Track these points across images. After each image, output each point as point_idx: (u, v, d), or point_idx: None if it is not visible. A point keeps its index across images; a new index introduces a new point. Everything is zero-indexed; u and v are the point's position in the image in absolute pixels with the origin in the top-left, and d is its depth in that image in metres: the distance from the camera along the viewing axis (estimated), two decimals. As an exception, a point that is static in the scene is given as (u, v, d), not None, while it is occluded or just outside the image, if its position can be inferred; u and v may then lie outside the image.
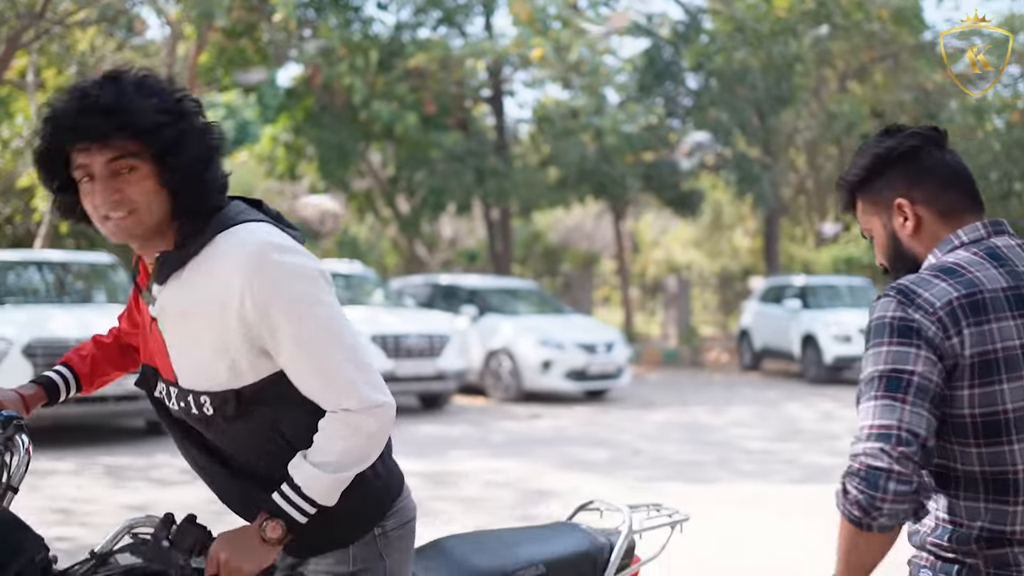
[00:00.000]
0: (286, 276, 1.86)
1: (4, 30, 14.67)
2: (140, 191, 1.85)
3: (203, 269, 1.89)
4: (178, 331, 1.96)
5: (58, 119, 1.84)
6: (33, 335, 9.37)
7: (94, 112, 1.80)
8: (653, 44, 20.51)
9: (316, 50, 17.45)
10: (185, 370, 1.97)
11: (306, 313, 1.87)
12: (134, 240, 1.92)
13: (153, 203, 1.86)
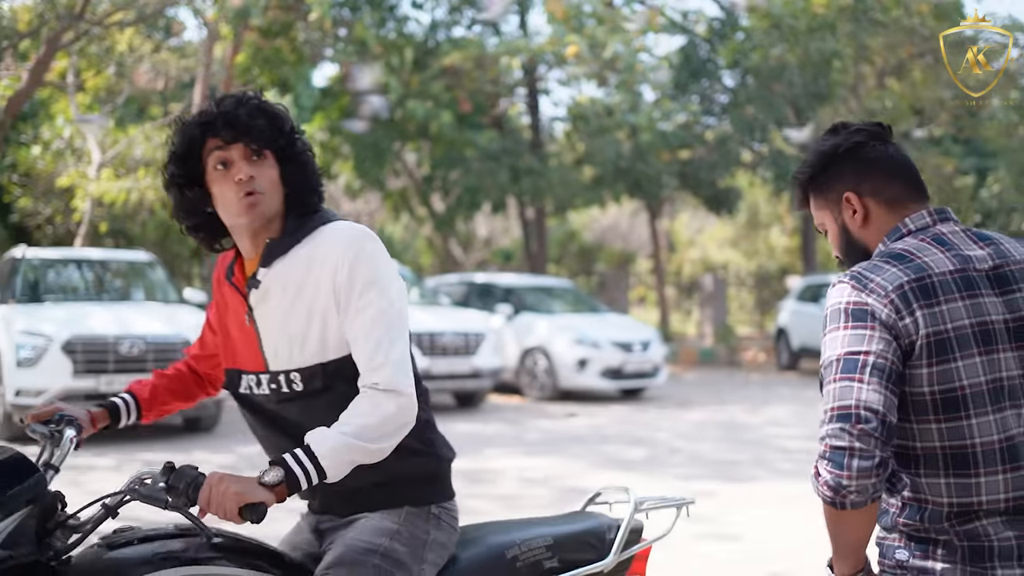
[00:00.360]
0: (377, 259, 2.18)
1: (44, 31, 14.83)
2: (267, 178, 2.20)
3: (308, 250, 2.20)
4: (276, 311, 2.22)
5: (215, 117, 2.18)
6: (72, 332, 9.46)
7: (251, 111, 2.18)
8: (689, 41, 20.40)
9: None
10: (277, 351, 2.23)
11: (380, 292, 2.15)
12: (258, 220, 2.21)
13: (275, 193, 2.21)
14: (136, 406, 2.48)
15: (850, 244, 2.15)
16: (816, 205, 2.20)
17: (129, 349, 9.52)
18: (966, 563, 1.92)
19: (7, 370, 9.28)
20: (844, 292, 1.96)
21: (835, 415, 1.86)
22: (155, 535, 2.15)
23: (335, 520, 2.33)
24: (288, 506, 2.19)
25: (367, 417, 2.08)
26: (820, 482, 1.86)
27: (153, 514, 2.37)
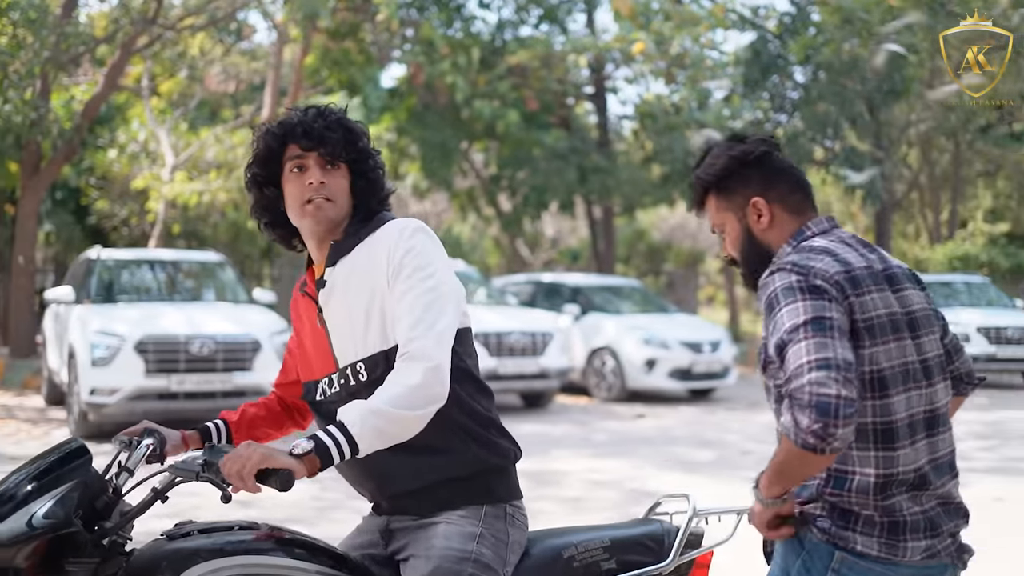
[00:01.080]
0: (426, 246, 2.28)
1: (119, 36, 15.11)
2: (339, 185, 2.34)
3: (369, 245, 2.32)
4: (341, 306, 2.32)
5: (295, 126, 2.32)
6: (145, 332, 9.59)
7: (330, 124, 2.33)
8: (759, 37, 20.08)
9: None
10: (344, 346, 2.32)
11: (426, 275, 2.23)
12: (324, 224, 2.33)
13: (343, 201, 2.35)
14: (227, 431, 2.56)
15: (752, 245, 2.30)
16: (718, 207, 2.34)
17: (199, 349, 9.62)
18: (883, 535, 2.09)
19: (82, 369, 9.44)
20: (790, 276, 2.08)
21: (815, 365, 1.93)
22: (214, 528, 2.22)
23: (410, 520, 2.32)
24: (355, 506, 2.17)
25: (395, 386, 2.12)
26: (803, 430, 1.91)
27: (216, 512, 2.36)
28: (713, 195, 2.34)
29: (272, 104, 18.97)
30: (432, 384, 2.13)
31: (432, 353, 2.15)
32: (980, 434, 10.65)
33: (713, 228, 2.38)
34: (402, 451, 2.20)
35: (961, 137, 24.29)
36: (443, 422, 2.22)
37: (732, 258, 2.36)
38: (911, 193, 27.74)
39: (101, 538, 2.05)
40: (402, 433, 2.13)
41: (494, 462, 2.33)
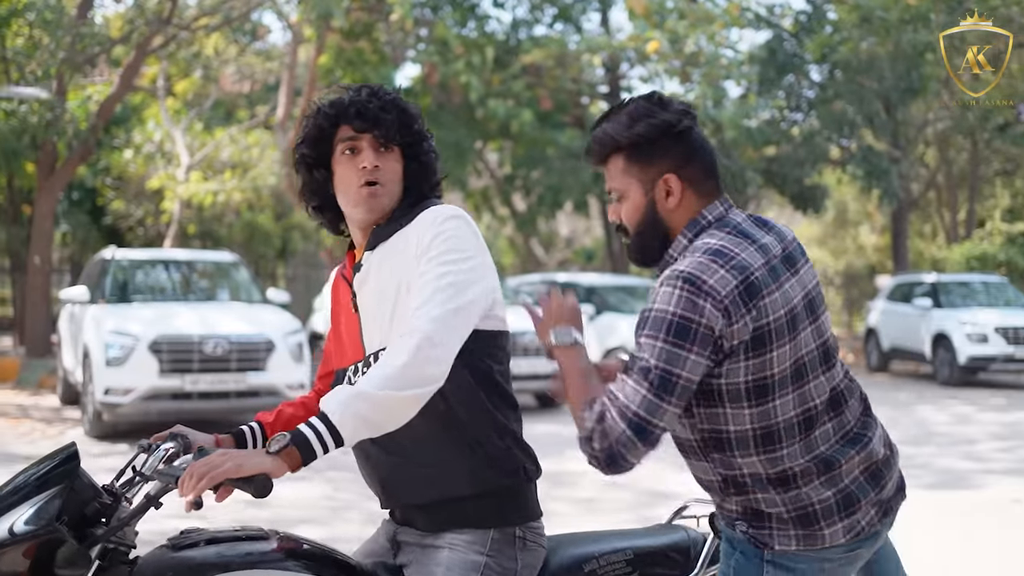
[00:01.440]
0: (461, 232, 2.14)
1: (135, 37, 15.15)
2: (393, 169, 2.24)
3: (406, 231, 2.20)
4: (373, 291, 2.22)
5: (348, 106, 2.22)
6: (159, 332, 9.60)
7: (384, 105, 2.22)
8: (775, 36, 20.00)
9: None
10: (372, 333, 2.22)
11: (452, 258, 2.09)
12: (377, 212, 2.23)
13: (396, 187, 2.25)
14: (262, 433, 2.44)
15: (653, 222, 2.13)
16: (625, 171, 2.13)
17: (213, 349, 9.62)
18: (797, 528, 2.06)
19: (96, 369, 9.45)
20: (674, 299, 1.95)
21: (635, 423, 1.94)
22: (222, 537, 2.12)
23: (415, 535, 2.22)
24: (369, 507, 2.10)
25: (382, 366, 1.98)
26: (589, 451, 2.00)
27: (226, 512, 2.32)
28: (622, 157, 2.13)
29: (287, 104, 19.00)
30: (422, 363, 1.97)
31: (427, 329, 1.99)
32: (998, 435, 10.56)
33: (609, 190, 2.17)
34: (410, 461, 2.13)
35: (979, 136, 24.13)
36: (458, 432, 2.13)
37: (623, 226, 2.18)
38: (928, 192, 27.58)
39: (91, 546, 1.96)
40: (389, 418, 1.98)
41: (507, 483, 2.18)
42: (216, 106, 22.64)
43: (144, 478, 2.14)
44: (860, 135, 19.96)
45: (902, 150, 21.22)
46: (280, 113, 19.08)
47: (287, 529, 2.28)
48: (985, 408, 12.92)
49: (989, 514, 6.98)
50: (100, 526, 2.02)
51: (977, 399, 13.85)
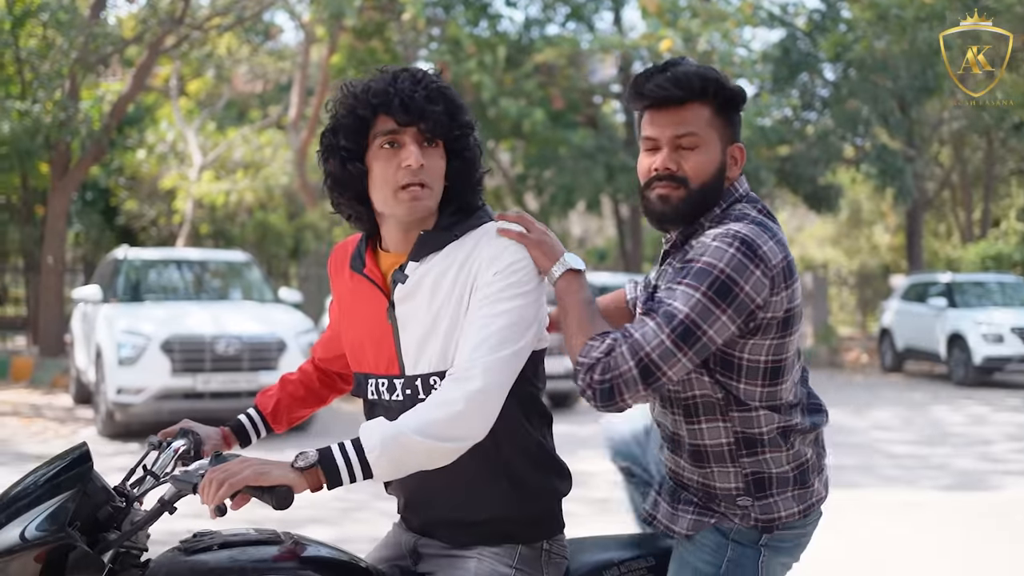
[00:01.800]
0: (524, 264, 1.99)
1: (147, 37, 15.17)
2: (437, 167, 2.02)
3: (464, 248, 2.02)
4: (423, 309, 2.02)
5: (392, 96, 1.98)
6: (171, 331, 9.59)
7: (431, 95, 2.00)
8: (788, 34, 19.90)
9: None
10: (419, 353, 2.03)
11: (515, 292, 1.96)
12: (418, 213, 2.02)
13: (440, 184, 2.04)
14: (262, 420, 2.40)
15: (717, 183, 2.10)
16: (709, 121, 2.09)
17: (225, 348, 9.61)
18: (796, 487, 2.12)
19: (109, 368, 9.45)
20: (726, 257, 1.94)
21: (644, 364, 1.92)
22: (235, 541, 2.06)
23: (440, 547, 2.14)
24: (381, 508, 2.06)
25: (431, 410, 1.87)
26: (585, 380, 1.96)
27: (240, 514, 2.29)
28: (709, 107, 2.09)
29: (299, 104, 19.01)
30: (472, 416, 1.87)
31: (482, 378, 1.88)
32: (1015, 436, 10.47)
33: (680, 135, 2.08)
34: (440, 479, 2.00)
35: (994, 135, 23.99)
36: (497, 454, 2.03)
37: (677, 176, 2.08)
38: (943, 192, 27.44)
39: (104, 551, 1.92)
40: (426, 464, 1.89)
41: (541, 505, 2.11)
42: (228, 106, 22.68)
43: (155, 477, 2.10)
44: (874, 134, 19.85)
45: (917, 149, 21.10)
46: (292, 113, 19.09)
47: (296, 530, 2.23)
48: (1001, 409, 12.82)
49: (1007, 516, 6.91)
50: (112, 530, 1.98)
51: (993, 399, 13.75)
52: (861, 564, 5.49)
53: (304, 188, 19.29)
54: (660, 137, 2.10)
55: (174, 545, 2.08)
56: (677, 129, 2.08)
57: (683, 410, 2.15)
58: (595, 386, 1.95)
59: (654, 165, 2.11)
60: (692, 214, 2.10)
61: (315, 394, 2.46)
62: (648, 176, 2.13)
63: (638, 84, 2.13)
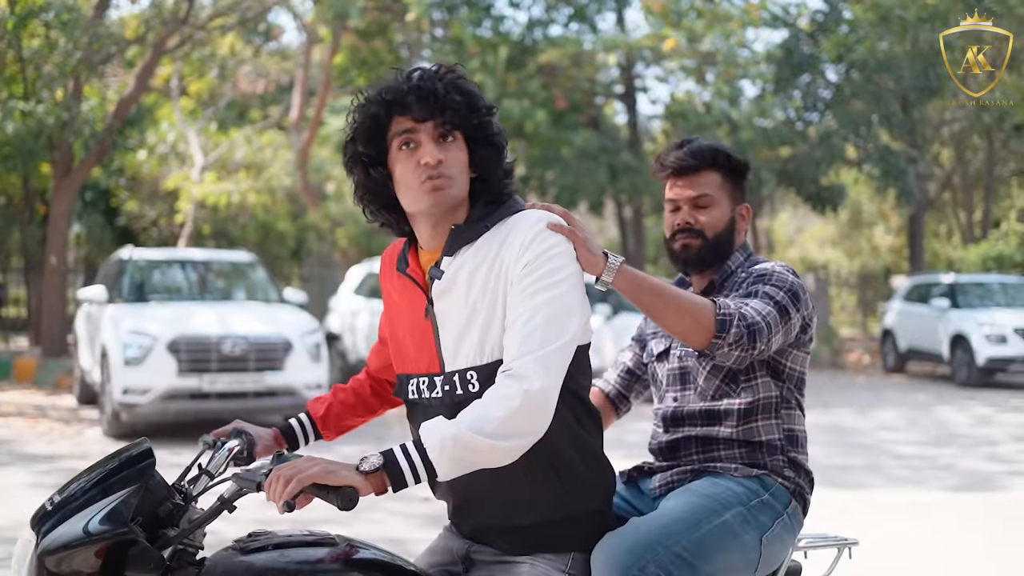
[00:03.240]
0: (557, 251, 1.98)
1: (150, 37, 15.16)
2: (458, 160, 2.02)
3: (497, 238, 2.01)
4: (459, 304, 2.02)
5: (405, 93, 1.99)
6: (177, 331, 9.59)
7: (446, 88, 2.00)
8: (791, 35, 19.91)
9: None
10: (457, 348, 2.03)
11: (556, 279, 1.95)
12: (442, 206, 2.02)
13: (463, 178, 2.03)
14: (312, 425, 2.39)
15: (728, 235, 2.56)
16: (721, 185, 2.55)
17: (231, 348, 9.60)
18: (809, 484, 2.48)
19: (115, 368, 9.44)
20: (791, 276, 2.42)
21: (758, 321, 2.25)
22: (289, 542, 2.07)
23: (492, 554, 2.12)
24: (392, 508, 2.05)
25: (489, 408, 1.85)
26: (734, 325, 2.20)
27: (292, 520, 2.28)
28: (720, 174, 2.56)
29: (301, 105, 19.00)
30: (531, 412, 1.86)
31: (538, 375, 1.86)
32: (1019, 437, 10.47)
33: (697, 196, 2.53)
34: (492, 483, 1.99)
35: (995, 136, 24.00)
36: (546, 453, 1.98)
37: (696, 229, 2.52)
38: (944, 193, 27.46)
39: (163, 547, 1.94)
40: (487, 462, 1.87)
41: (592, 505, 2.10)
42: (230, 106, 22.66)
43: (209, 475, 2.12)
44: (876, 135, 19.85)
45: (919, 150, 21.10)
46: (294, 114, 19.08)
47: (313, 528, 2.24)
48: (1005, 409, 12.82)
49: (1015, 517, 6.91)
50: (171, 527, 1.99)
51: (996, 400, 13.75)
52: (870, 565, 5.48)
53: (306, 189, 19.28)
54: (680, 198, 2.56)
55: (229, 544, 2.09)
56: (694, 191, 2.55)
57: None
58: (742, 332, 2.21)
59: (676, 221, 2.57)
60: (711, 259, 2.54)
61: (366, 403, 2.44)
62: (672, 230, 2.58)
63: (662, 158, 2.60)
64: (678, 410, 2.52)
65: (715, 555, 2.20)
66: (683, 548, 2.14)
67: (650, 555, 2.08)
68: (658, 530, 2.16)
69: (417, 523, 6.14)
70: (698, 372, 2.49)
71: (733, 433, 2.42)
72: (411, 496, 6.75)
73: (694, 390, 2.50)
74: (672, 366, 2.57)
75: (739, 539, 2.25)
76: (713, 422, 2.45)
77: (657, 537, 2.14)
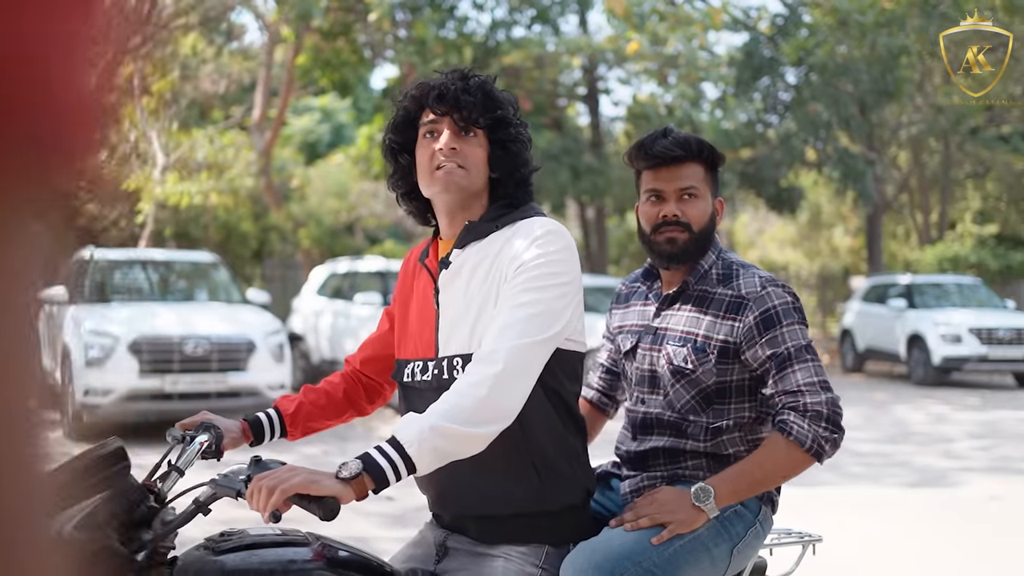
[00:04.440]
0: (563, 256, 2.08)
1: (112, 35, 15.04)
2: (474, 154, 2.15)
3: (503, 237, 2.13)
4: (459, 294, 2.14)
5: (432, 88, 2.17)
6: (138, 332, 9.54)
7: (468, 88, 2.16)
8: (752, 38, 20.12)
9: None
10: (450, 335, 2.14)
11: (547, 283, 2.04)
12: (454, 193, 2.15)
13: (478, 172, 2.16)
14: (280, 421, 2.40)
15: (710, 229, 2.48)
16: (703, 178, 2.47)
17: (194, 349, 9.57)
18: (778, 491, 2.47)
19: (76, 370, 9.38)
20: (786, 294, 2.37)
21: (826, 385, 2.29)
22: (261, 541, 2.08)
23: (468, 543, 2.19)
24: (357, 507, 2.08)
25: (459, 396, 1.92)
26: (822, 438, 2.23)
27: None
28: (703, 166, 2.47)
29: (263, 105, 18.92)
30: (497, 399, 1.92)
31: (505, 362, 1.93)
32: (975, 434, 10.67)
33: (685, 188, 2.44)
34: (472, 474, 2.06)
35: (951, 139, 24.38)
36: (527, 449, 2.08)
37: (682, 222, 2.43)
38: (901, 195, 27.83)
39: (138, 551, 1.94)
40: (462, 451, 1.93)
41: (568, 502, 2.16)
42: (191, 106, 22.50)
43: (179, 472, 2.11)
44: (835, 137, 20.11)
45: (877, 152, 21.39)
46: (256, 114, 19.01)
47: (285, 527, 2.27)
48: (960, 407, 13.05)
49: (968, 511, 7.07)
50: (146, 530, 1.99)
51: (952, 399, 13.99)
52: (830, 560, 5.59)
53: (268, 190, 19.21)
54: (666, 190, 2.45)
55: (200, 543, 2.10)
56: (681, 183, 2.44)
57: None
58: (829, 437, 2.26)
59: (662, 213, 2.44)
60: (695, 254, 2.45)
61: (335, 406, 2.46)
62: (655, 222, 2.46)
63: (645, 146, 2.47)
64: (647, 417, 2.46)
65: (685, 569, 2.21)
66: (653, 564, 2.16)
67: (618, 570, 2.11)
68: (629, 545, 2.17)
69: (382, 522, 6.17)
70: (668, 381, 2.41)
71: (700, 447, 2.38)
72: (374, 496, 6.78)
73: (662, 396, 2.43)
74: (640, 366, 2.49)
75: (709, 552, 2.26)
76: (680, 436, 2.40)
77: (627, 552, 2.15)
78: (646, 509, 2.25)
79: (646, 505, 2.27)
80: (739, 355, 2.34)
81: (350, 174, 23.17)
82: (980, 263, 23.87)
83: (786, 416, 2.25)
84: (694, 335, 2.37)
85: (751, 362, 2.33)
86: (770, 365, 2.29)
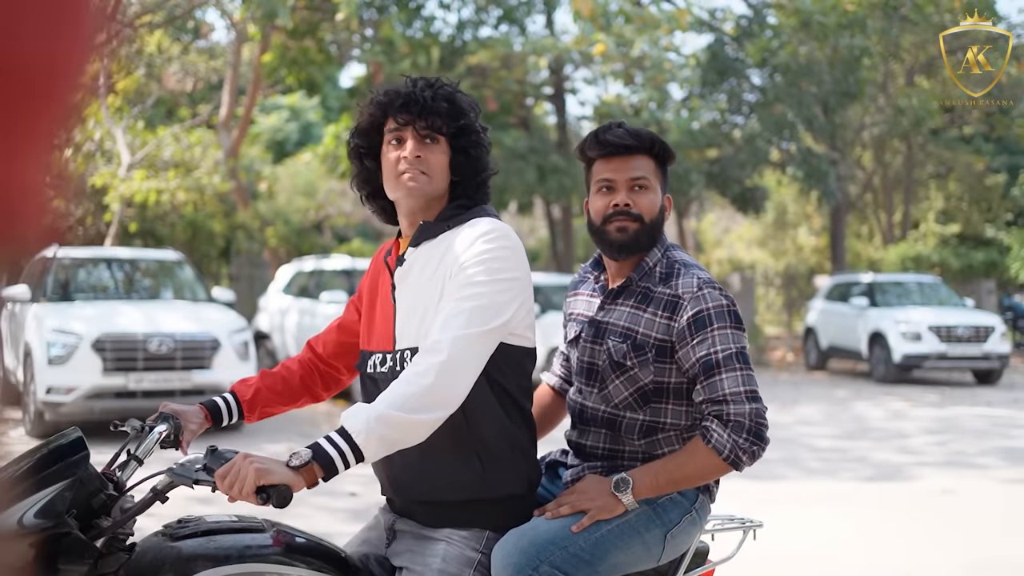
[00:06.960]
0: (505, 254, 2.16)
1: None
2: (436, 161, 2.24)
3: (452, 236, 2.21)
4: (411, 290, 2.25)
5: (397, 96, 2.24)
6: (102, 330, 9.52)
7: (434, 96, 2.24)
8: (716, 39, 20.29)
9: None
10: (405, 329, 2.24)
11: (489, 279, 2.12)
12: (417, 198, 2.24)
13: (440, 177, 2.25)
14: (237, 406, 2.46)
15: (659, 222, 2.49)
16: (653, 171, 2.49)
17: (158, 347, 9.57)
18: (716, 483, 2.48)
19: (38, 368, 9.35)
20: (721, 296, 2.35)
21: (752, 396, 2.29)
22: (218, 528, 2.14)
23: (414, 526, 2.28)
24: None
25: (405, 385, 2.00)
26: (740, 447, 2.24)
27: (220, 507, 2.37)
28: (652, 160, 2.49)
29: (230, 103, 18.87)
30: (441, 386, 2.00)
31: (449, 351, 2.01)
32: (931, 429, 10.86)
33: (636, 178, 2.45)
34: (421, 461, 2.17)
35: (913, 139, 24.69)
36: (472, 439, 2.18)
37: (634, 212, 2.44)
38: (865, 194, 28.14)
39: (96, 538, 1.98)
40: (409, 438, 2.01)
41: (510, 491, 2.25)
42: (157, 104, 22.41)
43: (138, 461, 2.17)
44: (799, 138, 20.32)
45: (840, 152, 21.63)
46: (223, 112, 18.95)
47: (242, 514, 2.31)
48: (919, 404, 13.26)
49: (922, 504, 7.21)
50: (105, 518, 2.03)
51: (911, 395, 14.20)
52: (785, 551, 5.71)
53: (236, 189, 19.16)
54: (617, 179, 2.45)
55: (158, 529, 2.15)
56: (632, 173, 2.45)
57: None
58: (749, 448, 2.26)
59: (612, 202, 2.45)
60: (646, 244, 2.46)
61: (292, 391, 2.52)
62: (605, 212, 2.46)
63: (599, 135, 2.49)
64: (584, 408, 2.49)
65: (614, 553, 2.27)
66: (580, 548, 2.22)
67: (544, 555, 2.17)
68: (556, 531, 2.23)
69: (343, 517, 6.23)
70: (607, 375, 2.43)
71: (635, 443, 2.42)
72: (337, 491, 6.83)
73: (598, 390, 2.46)
74: (581, 357, 2.51)
75: (641, 536, 2.30)
76: (615, 431, 2.43)
77: (553, 538, 2.21)
78: (567, 498, 2.31)
79: (567, 494, 2.33)
80: (675, 354, 2.37)
81: (318, 172, 23.14)
82: (942, 262, 24.21)
83: (709, 423, 2.28)
84: (634, 332, 2.39)
85: (683, 362, 2.34)
86: (699, 369, 2.31)
